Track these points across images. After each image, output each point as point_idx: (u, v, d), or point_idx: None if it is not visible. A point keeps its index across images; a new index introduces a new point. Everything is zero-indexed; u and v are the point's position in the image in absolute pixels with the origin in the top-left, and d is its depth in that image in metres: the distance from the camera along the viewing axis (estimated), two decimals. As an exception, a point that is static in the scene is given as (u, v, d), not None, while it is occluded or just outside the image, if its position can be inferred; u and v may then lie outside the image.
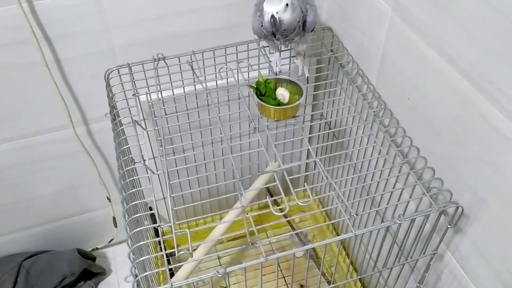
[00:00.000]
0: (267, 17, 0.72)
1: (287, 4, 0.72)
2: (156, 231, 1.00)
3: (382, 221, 0.89)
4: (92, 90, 0.93)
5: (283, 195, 0.64)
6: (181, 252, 0.61)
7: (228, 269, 0.59)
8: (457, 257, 0.74)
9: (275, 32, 0.74)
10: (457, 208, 0.67)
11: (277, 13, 0.72)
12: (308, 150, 0.73)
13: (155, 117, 0.81)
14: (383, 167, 0.85)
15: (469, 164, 0.66)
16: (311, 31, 0.81)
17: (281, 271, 1.13)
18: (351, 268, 1.09)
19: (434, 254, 0.76)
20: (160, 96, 0.84)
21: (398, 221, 0.64)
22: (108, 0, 0.84)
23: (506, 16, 0.54)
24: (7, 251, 1.17)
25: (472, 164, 0.66)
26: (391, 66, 0.81)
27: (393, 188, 0.81)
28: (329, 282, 1.08)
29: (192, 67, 0.84)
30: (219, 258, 1.18)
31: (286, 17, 0.73)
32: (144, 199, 0.77)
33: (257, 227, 0.63)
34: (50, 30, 0.85)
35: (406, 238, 0.74)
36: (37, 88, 0.91)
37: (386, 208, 0.88)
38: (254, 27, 0.80)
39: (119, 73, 0.86)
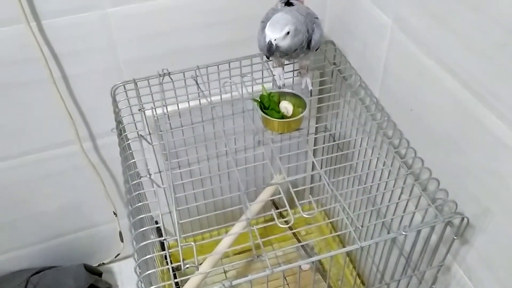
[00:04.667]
0: (266, 39, 0.74)
1: (288, 32, 0.73)
2: (162, 244, 1.00)
3: (388, 232, 0.89)
4: (98, 105, 0.95)
5: (288, 207, 0.64)
6: (187, 266, 0.61)
7: (234, 282, 0.59)
8: (464, 268, 0.74)
9: (268, 56, 0.75)
10: (463, 219, 0.67)
11: (275, 40, 0.73)
12: (313, 162, 0.73)
13: (161, 131, 0.82)
14: (387, 178, 0.85)
15: (473, 174, 0.67)
16: (316, 50, 0.82)
17: (287, 284, 1.13)
18: (358, 280, 1.08)
19: (441, 265, 0.76)
20: (165, 110, 0.85)
21: (404, 233, 0.64)
22: (113, 18, 0.86)
23: (504, 26, 0.55)
24: (15, 267, 1.17)
25: (475, 174, 0.66)
26: (394, 78, 0.81)
27: (398, 199, 0.81)
28: (336, 295, 1.07)
29: (196, 82, 0.85)
30: (225, 271, 1.17)
31: (285, 43, 0.74)
32: (150, 213, 0.77)
33: (263, 240, 0.63)
34: (57, 48, 0.87)
35: (412, 250, 0.74)
36: (45, 104, 0.92)
37: (392, 219, 0.88)
38: (260, 44, 0.81)
39: (125, 88, 0.87)
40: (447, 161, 0.71)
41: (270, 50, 0.74)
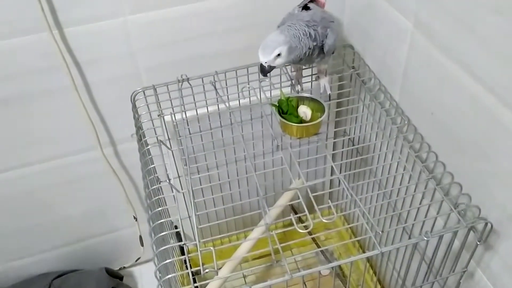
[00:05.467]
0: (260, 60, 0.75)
1: (279, 54, 0.73)
2: (181, 249, 1.00)
3: (409, 238, 0.87)
4: (118, 111, 0.96)
5: (307, 212, 0.64)
6: (207, 270, 0.61)
7: (254, 287, 0.59)
8: (488, 274, 0.72)
9: (263, 76, 0.77)
10: (486, 224, 0.66)
11: (266, 62, 0.74)
12: (332, 167, 0.73)
13: (180, 136, 0.83)
14: (408, 183, 0.84)
15: (498, 179, 0.65)
16: (332, 53, 0.82)
17: (307, 289, 1.12)
18: (378, 286, 1.07)
19: (464, 272, 0.74)
20: (184, 116, 0.86)
21: (425, 238, 0.63)
22: (133, 26, 0.87)
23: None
24: (38, 270, 1.19)
25: (500, 179, 0.65)
26: (414, 82, 0.80)
27: (420, 204, 0.79)
28: (356, 301, 1.06)
29: (215, 87, 0.86)
30: (244, 276, 1.17)
31: (279, 62, 0.75)
32: (170, 217, 0.77)
33: (282, 245, 0.63)
34: (79, 55, 0.88)
35: (434, 256, 0.72)
36: (67, 111, 0.94)
37: (413, 224, 0.86)
38: None
39: (144, 94, 0.88)
40: (470, 166, 0.70)
41: (263, 72, 0.76)
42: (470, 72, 0.65)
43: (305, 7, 0.81)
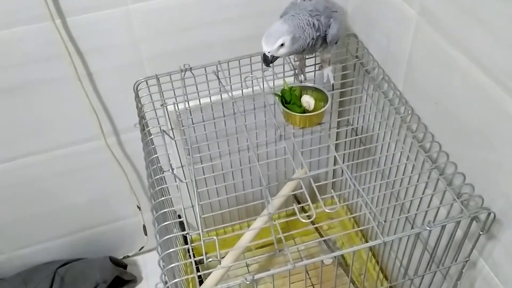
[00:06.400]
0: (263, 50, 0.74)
1: (282, 44, 0.73)
2: (185, 238, 1.01)
3: (412, 227, 0.88)
4: (121, 101, 0.96)
5: (310, 202, 0.64)
6: (210, 260, 0.61)
7: (256, 276, 0.59)
8: (491, 264, 0.72)
9: (266, 65, 0.76)
10: (489, 214, 0.66)
11: (269, 52, 0.73)
12: (335, 156, 0.72)
13: (183, 126, 0.83)
14: (411, 173, 0.84)
15: (502, 169, 0.65)
16: (335, 43, 0.81)
17: (309, 278, 1.13)
18: (381, 275, 1.07)
19: (467, 261, 0.75)
20: (187, 105, 0.86)
21: (428, 228, 0.63)
22: (135, 15, 0.87)
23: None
24: (43, 258, 1.21)
25: (504, 169, 0.64)
26: (418, 71, 0.80)
27: (423, 194, 0.79)
28: (358, 290, 1.07)
29: (218, 77, 0.86)
30: (247, 265, 1.18)
31: (282, 53, 0.74)
32: (173, 207, 0.78)
33: (285, 234, 0.63)
34: (81, 45, 0.88)
35: (437, 245, 0.73)
36: (70, 100, 0.94)
37: (415, 214, 0.86)
38: None
39: (147, 84, 0.88)
40: (473, 155, 0.70)
41: (266, 61, 0.75)
42: (475, 60, 0.65)
43: (308, -4, 0.80)
